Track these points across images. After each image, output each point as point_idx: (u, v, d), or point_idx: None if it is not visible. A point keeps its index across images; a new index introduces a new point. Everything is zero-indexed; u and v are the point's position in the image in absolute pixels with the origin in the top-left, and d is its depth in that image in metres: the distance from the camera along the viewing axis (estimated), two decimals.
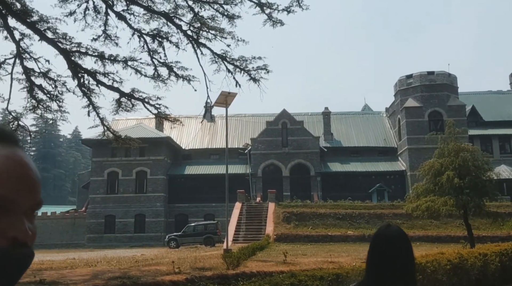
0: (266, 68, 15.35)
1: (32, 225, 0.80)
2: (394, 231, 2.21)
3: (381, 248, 2.17)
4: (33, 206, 0.80)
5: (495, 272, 12.00)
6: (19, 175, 0.78)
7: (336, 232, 28.29)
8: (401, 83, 47.45)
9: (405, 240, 2.25)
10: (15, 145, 0.82)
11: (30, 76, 15.80)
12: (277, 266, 14.54)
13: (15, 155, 0.79)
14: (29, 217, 0.80)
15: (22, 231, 0.76)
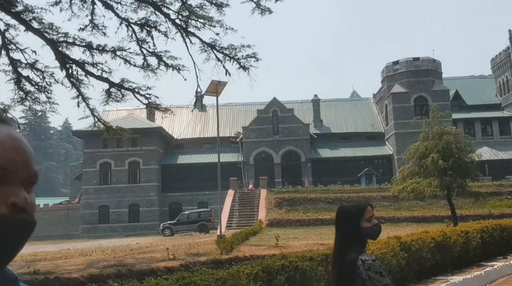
0: (255, 56, 15.39)
1: (30, 196, 0.83)
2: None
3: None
4: (30, 177, 0.84)
5: (477, 248, 12.45)
6: (13, 147, 0.82)
7: (327, 215, 28.73)
8: (388, 69, 47.94)
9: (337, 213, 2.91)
10: (5, 123, 0.86)
11: (17, 67, 15.63)
12: (270, 249, 14.84)
13: (6, 130, 0.84)
14: (27, 188, 0.84)
15: (21, 198, 0.80)
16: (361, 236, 2.83)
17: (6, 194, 0.79)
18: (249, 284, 5.85)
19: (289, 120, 47.67)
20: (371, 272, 2.69)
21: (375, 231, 2.84)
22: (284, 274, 6.64)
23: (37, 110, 18.52)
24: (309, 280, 7.16)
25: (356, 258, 2.75)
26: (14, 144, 0.83)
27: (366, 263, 2.71)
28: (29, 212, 0.81)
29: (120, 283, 5.68)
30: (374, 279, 2.68)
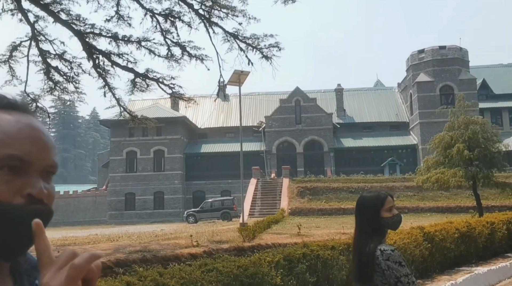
0: (278, 46, 15.37)
1: (48, 186, 0.84)
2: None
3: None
4: (47, 168, 0.84)
5: (502, 239, 12.31)
6: (31, 137, 0.82)
7: (349, 205, 28.67)
8: (413, 58, 47.11)
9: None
10: (26, 112, 0.87)
11: (46, 58, 15.93)
12: (291, 238, 14.93)
13: (26, 119, 0.85)
14: (45, 178, 0.84)
15: (37, 188, 0.80)
16: (381, 226, 2.83)
17: (23, 185, 0.79)
18: (270, 271, 5.96)
19: (312, 109, 47.46)
20: (390, 262, 2.70)
21: (395, 221, 2.85)
22: (305, 262, 6.72)
23: (66, 100, 18.93)
24: (330, 269, 7.22)
25: (375, 248, 2.76)
26: (31, 134, 0.83)
27: (385, 253, 2.72)
28: (45, 202, 0.81)
29: (145, 268, 5.86)
30: (393, 268, 2.68)
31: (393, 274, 2.69)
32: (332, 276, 7.22)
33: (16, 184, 0.79)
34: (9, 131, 0.81)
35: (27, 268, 0.89)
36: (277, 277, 5.95)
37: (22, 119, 0.84)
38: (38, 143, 0.83)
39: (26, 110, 0.87)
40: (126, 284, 4.32)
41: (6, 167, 0.79)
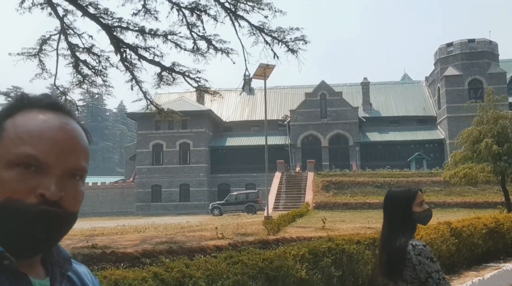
0: (304, 39, 15.25)
1: (71, 188, 0.84)
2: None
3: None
4: (70, 170, 0.84)
5: None
6: (53, 138, 0.83)
7: (375, 199, 28.44)
8: (441, 51, 46.16)
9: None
10: (65, 114, 0.88)
11: (75, 51, 16.16)
12: (316, 232, 14.89)
13: (54, 120, 0.85)
14: (69, 180, 0.84)
15: (50, 190, 0.80)
16: (412, 221, 2.81)
17: (37, 185, 0.80)
18: (295, 265, 5.95)
19: (338, 103, 47.06)
20: (421, 257, 2.68)
21: (426, 216, 2.82)
22: (330, 256, 6.69)
23: (94, 93, 19.23)
24: (355, 264, 7.18)
25: (406, 243, 2.73)
26: (55, 136, 0.83)
27: (417, 248, 2.70)
28: (62, 205, 0.82)
29: (171, 259, 5.94)
30: (425, 264, 2.66)
31: (424, 270, 2.67)
32: (358, 271, 7.18)
33: (31, 183, 0.81)
34: (32, 131, 0.83)
35: (59, 260, 0.91)
36: (302, 270, 5.95)
37: (52, 120, 0.85)
38: (61, 146, 0.83)
39: (65, 111, 0.88)
40: (153, 274, 4.39)
41: (23, 165, 0.81)
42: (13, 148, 0.82)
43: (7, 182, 0.80)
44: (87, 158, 0.89)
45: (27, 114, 0.85)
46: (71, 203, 0.84)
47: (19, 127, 0.83)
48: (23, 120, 0.84)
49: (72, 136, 0.86)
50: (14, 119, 0.85)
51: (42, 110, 0.86)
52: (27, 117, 0.85)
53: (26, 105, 0.87)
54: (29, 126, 0.83)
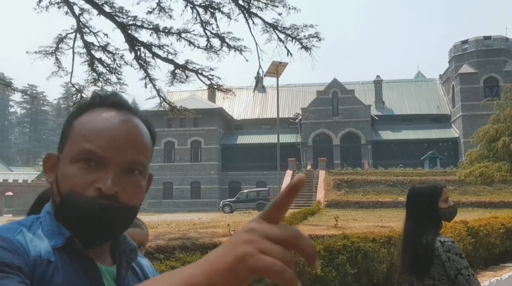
0: (318, 36, 15.20)
1: (129, 183, 0.89)
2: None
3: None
4: (127, 164, 0.88)
5: None
6: (112, 135, 0.88)
7: (387, 198, 28.28)
8: (456, 49, 45.65)
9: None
10: (122, 110, 0.93)
11: (90, 50, 16.31)
12: (328, 230, 14.85)
13: (114, 117, 0.90)
14: (126, 175, 0.89)
15: (107, 185, 0.85)
16: (437, 217, 2.78)
17: (95, 179, 0.86)
18: None
19: (350, 101, 46.83)
20: (451, 253, 2.65)
21: (452, 212, 2.80)
22: (345, 254, 6.68)
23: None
24: (371, 261, 7.17)
25: (434, 239, 2.70)
26: (114, 132, 0.88)
27: (446, 245, 2.67)
28: (119, 198, 0.86)
29: (185, 255, 5.97)
30: (454, 260, 2.63)
31: (454, 266, 2.63)
32: (373, 269, 7.16)
33: (90, 178, 0.86)
34: (93, 128, 0.89)
35: (126, 250, 0.98)
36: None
37: (113, 117, 0.90)
38: (118, 141, 0.88)
39: (128, 109, 0.94)
40: (171, 268, 4.42)
41: (85, 160, 0.87)
42: (76, 144, 0.88)
43: (70, 177, 0.87)
44: (147, 154, 0.93)
45: (92, 112, 0.92)
46: (129, 197, 0.89)
47: (83, 125, 0.90)
48: (87, 119, 0.91)
49: (131, 132, 0.90)
50: (81, 118, 0.92)
51: (106, 108, 0.92)
52: (91, 116, 0.91)
53: (94, 105, 0.93)
54: (91, 124, 0.89)
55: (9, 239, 0.81)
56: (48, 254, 0.83)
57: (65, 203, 0.87)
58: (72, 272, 0.84)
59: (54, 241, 0.86)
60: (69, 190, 0.87)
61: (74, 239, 0.86)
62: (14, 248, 0.79)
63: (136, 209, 0.92)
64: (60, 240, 0.86)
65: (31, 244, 0.83)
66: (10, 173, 60.08)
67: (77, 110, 0.94)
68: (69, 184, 0.87)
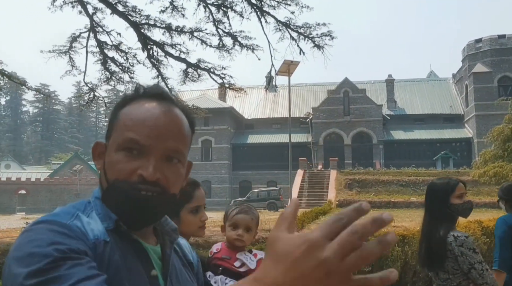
0: (330, 35, 15.12)
1: (168, 169, 0.93)
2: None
3: None
4: (166, 152, 0.93)
5: None
6: (153, 124, 0.92)
7: (399, 198, 28.11)
8: (470, 47, 45.17)
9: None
10: (164, 101, 0.97)
11: (103, 49, 16.40)
12: None
13: (156, 108, 0.94)
14: (167, 163, 0.93)
15: (149, 171, 0.90)
16: (451, 213, 2.78)
17: (139, 166, 0.91)
18: None
19: (361, 100, 46.61)
20: (464, 248, 2.65)
21: (466, 208, 2.79)
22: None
23: (120, 91, 19.47)
24: (385, 260, 7.14)
25: (447, 234, 2.72)
26: (155, 122, 0.93)
27: (459, 239, 2.68)
28: (161, 184, 0.91)
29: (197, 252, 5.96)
30: (467, 255, 2.64)
31: (467, 261, 2.64)
32: (387, 267, 7.12)
33: (134, 165, 0.91)
34: (136, 118, 0.93)
35: (168, 230, 1.05)
36: None
37: (154, 108, 0.94)
38: (158, 130, 0.92)
39: (170, 100, 0.98)
40: None
41: (128, 148, 0.92)
42: (120, 134, 0.94)
43: (115, 164, 0.93)
44: (186, 143, 0.98)
45: (135, 104, 0.97)
46: (169, 184, 0.93)
47: (127, 116, 0.95)
48: (131, 110, 0.96)
49: (171, 121, 0.95)
50: (125, 109, 0.97)
51: (148, 99, 0.97)
52: (134, 107, 0.96)
53: (138, 96, 0.98)
54: (134, 114, 0.94)
55: (68, 225, 0.85)
56: (104, 235, 0.89)
57: (111, 188, 0.93)
58: (124, 250, 0.90)
59: (106, 223, 0.92)
60: (114, 177, 0.92)
61: (120, 223, 0.92)
62: (75, 234, 0.83)
63: (176, 196, 0.96)
64: (111, 222, 0.92)
65: (88, 228, 0.88)
66: (23, 171, 60.75)
67: (121, 101, 0.99)
68: (114, 171, 0.92)
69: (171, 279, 0.98)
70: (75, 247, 0.80)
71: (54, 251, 0.76)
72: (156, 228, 1.03)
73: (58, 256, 0.76)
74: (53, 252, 0.76)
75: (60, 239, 0.80)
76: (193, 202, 1.96)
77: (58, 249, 0.77)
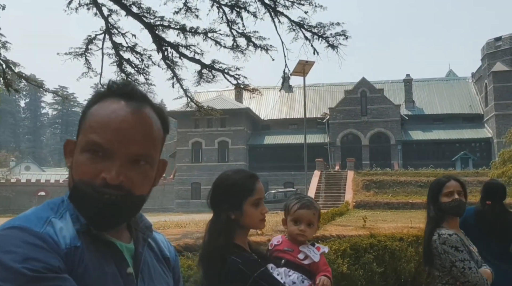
0: (344, 34, 15.04)
1: (135, 173, 0.92)
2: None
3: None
4: (132, 156, 0.92)
5: None
6: (118, 127, 0.91)
7: (417, 199, 27.68)
8: (489, 46, 44.39)
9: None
10: (134, 101, 0.95)
11: (119, 50, 16.57)
12: (356, 230, 14.64)
13: (122, 109, 0.93)
14: (133, 165, 0.92)
15: (111, 174, 0.89)
16: (441, 211, 2.82)
17: (102, 169, 0.90)
18: (336, 259, 5.89)
19: (379, 100, 46.17)
20: (446, 246, 2.68)
21: (453, 206, 2.78)
22: (372, 252, 6.60)
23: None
24: (398, 261, 7.05)
25: (432, 232, 2.79)
26: (119, 125, 0.91)
27: (442, 237, 2.71)
28: (124, 187, 0.91)
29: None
30: (449, 253, 2.66)
31: (448, 259, 2.67)
32: (400, 268, 7.03)
33: (97, 167, 0.90)
34: (100, 120, 0.92)
35: (142, 227, 1.06)
36: (344, 265, 5.88)
37: (120, 109, 0.93)
38: (122, 134, 0.91)
39: (140, 100, 0.96)
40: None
41: (91, 151, 0.91)
42: (86, 135, 0.93)
43: (80, 165, 0.92)
44: (154, 144, 0.96)
45: (103, 103, 0.95)
46: (135, 186, 0.93)
47: (93, 116, 0.94)
48: (98, 109, 0.94)
49: (137, 124, 0.93)
50: (93, 108, 0.96)
51: (116, 99, 0.95)
52: (102, 106, 0.94)
53: (108, 94, 0.96)
54: (100, 116, 0.93)
55: (41, 235, 0.84)
56: (74, 241, 0.89)
57: (76, 189, 0.93)
58: (96, 252, 0.91)
59: (78, 225, 0.92)
60: (79, 178, 0.92)
61: (90, 226, 0.92)
62: (49, 245, 0.83)
63: (143, 198, 0.97)
64: (81, 225, 0.92)
65: (60, 236, 0.87)
66: (42, 173, 61.80)
67: (91, 99, 0.98)
68: (79, 172, 0.92)
69: (142, 275, 0.99)
70: (49, 263, 0.80)
71: (28, 270, 0.77)
72: (130, 225, 1.03)
73: (32, 276, 0.77)
74: (27, 272, 0.77)
75: (35, 254, 0.80)
76: (254, 195, 1.94)
77: (32, 269, 0.78)
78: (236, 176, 1.98)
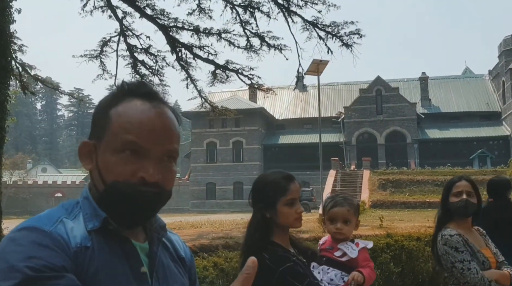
0: (359, 33, 14.92)
1: (166, 169, 0.97)
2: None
3: None
4: (165, 153, 0.96)
5: None
6: (151, 126, 0.95)
7: (435, 198, 27.31)
8: (506, 43, 43.77)
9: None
10: (155, 101, 0.99)
11: (133, 52, 16.69)
12: (373, 230, 14.50)
13: (150, 109, 0.96)
14: (165, 162, 0.97)
15: (149, 172, 0.93)
16: (449, 211, 2.82)
17: (138, 168, 0.93)
18: None
19: (394, 99, 45.79)
20: (447, 246, 2.69)
21: (459, 206, 2.77)
22: (389, 252, 6.56)
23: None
24: (415, 260, 6.98)
25: (436, 232, 2.82)
26: (152, 124, 0.95)
27: (444, 238, 2.72)
28: (160, 184, 0.94)
29: (227, 252, 5.98)
30: (449, 254, 2.66)
31: (449, 259, 2.68)
32: (418, 268, 6.96)
33: (133, 167, 0.93)
34: (133, 120, 0.95)
35: (156, 227, 1.06)
36: None
37: (149, 109, 0.96)
38: (157, 132, 0.95)
39: (159, 99, 1.00)
40: (213, 263, 4.51)
41: (128, 150, 0.93)
42: (118, 136, 0.94)
43: (114, 166, 0.94)
44: (179, 140, 1.02)
45: (127, 103, 0.97)
46: (167, 183, 0.97)
47: (123, 117, 0.95)
48: (125, 110, 0.96)
49: (167, 123, 0.98)
50: (117, 108, 0.97)
51: (140, 99, 0.98)
52: (128, 107, 0.96)
53: (126, 95, 0.99)
54: (130, 116, 0.95)
55: (50, 233, 0.86)
56: (85, 241, 0.90)
57: (110, 191, 0.94)
58: (109, 251, 0.92)
59: (92, 224, 0.93)
60: (113, 179, 0.93)
61: (109, 220, 0.94)
62: (56, 244, 0.85)
63: (171, 193, 1.00)
64: (97, 222, 0.94)
65: (71, 235, 0.89)
66: (59, 175, 62.66)
67: (111, 100, 0.99)
68: (113, 174, 0.93)
69: (157, 275, 1.00)
70: (52, 262, 0.81)
71: (29, 269, 0.79)
72: (145, 225, 1.04)
73: (31, 275, 0.78)
74: (28, 271, 0.78)
75: (38, 253, 0.81)
76: (288, 195, 2.00)
77: (34, 268, 0.79)
78: (271, 177, 2.08)
